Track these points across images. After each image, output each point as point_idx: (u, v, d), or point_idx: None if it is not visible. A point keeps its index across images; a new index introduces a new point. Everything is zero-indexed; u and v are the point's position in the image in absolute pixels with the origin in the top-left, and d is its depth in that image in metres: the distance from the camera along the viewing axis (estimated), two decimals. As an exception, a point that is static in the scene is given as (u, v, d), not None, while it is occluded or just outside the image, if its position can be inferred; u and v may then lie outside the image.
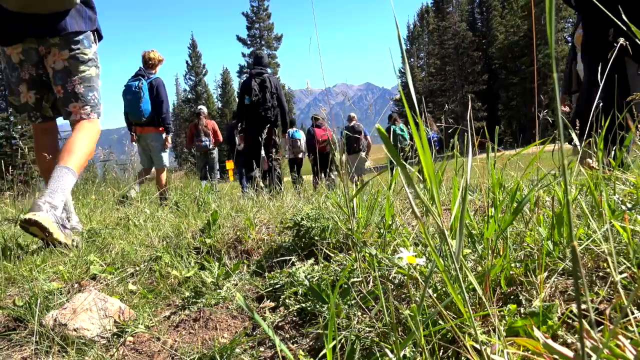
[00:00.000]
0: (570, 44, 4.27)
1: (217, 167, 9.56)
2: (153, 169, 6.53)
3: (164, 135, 6.45)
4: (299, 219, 1.90)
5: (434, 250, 0.69)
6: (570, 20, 51.30)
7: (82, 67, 2.59)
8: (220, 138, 9.99)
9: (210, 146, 9.65)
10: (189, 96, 62.88)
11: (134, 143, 6.72)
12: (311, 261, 1.75)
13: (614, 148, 2.29)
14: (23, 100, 2.65)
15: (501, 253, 1.05)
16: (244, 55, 60.34)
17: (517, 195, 1.27)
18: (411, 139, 9.53)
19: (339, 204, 1.68)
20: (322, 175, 8.57)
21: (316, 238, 1.85)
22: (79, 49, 2.57)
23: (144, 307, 1.73)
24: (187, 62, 63.32)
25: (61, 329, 1.53)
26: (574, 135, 1.63)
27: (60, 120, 2.81)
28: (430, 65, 66.42)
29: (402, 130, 11.07)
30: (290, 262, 1.78)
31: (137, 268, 2.03)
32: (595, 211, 1.19)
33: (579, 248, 1.06)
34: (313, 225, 1.86)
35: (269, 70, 6.62)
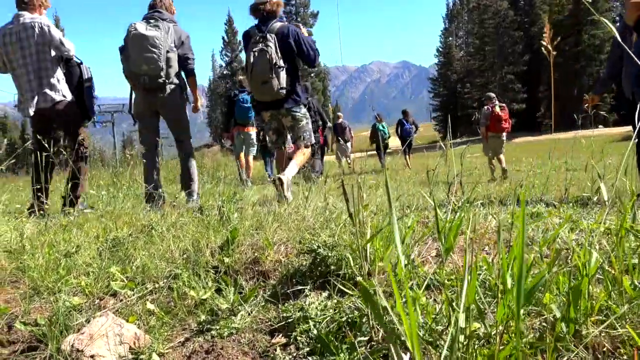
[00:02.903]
0: (618, 23, 4.08)
1: (254, 147, 9.91)
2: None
3: (254, 132, 9.44)
4: (316, 247, 1.89)
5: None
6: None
7: (298, 123, 4.58)
8: None
9: None
10: (224, 72, 63.17)
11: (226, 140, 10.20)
12: (325, 294, 1.73)
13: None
14: (270, 139, 4.86)
15: (511, 332, 1.01)
16: (279, 31, 59.97)
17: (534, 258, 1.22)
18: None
19: (352, 247, 1.65)
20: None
21: (332, 267, 1.83)
22: (294, 115, 4.54)
23: (160, 331, 1.76)
24: (223, 38, 63.46)
25: (78, 355, 1.57)
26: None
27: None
28: (469, 44, 64.82)
29: (383, 127, 15.29)
30: (304, 293, 1.77)
31: (156, 285, 2.06)
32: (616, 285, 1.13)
33: (596, 331, 1.01)
34: (329, 254, 1.84)
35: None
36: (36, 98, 4.29)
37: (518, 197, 3.36)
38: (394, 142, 17.34)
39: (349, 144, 14.66)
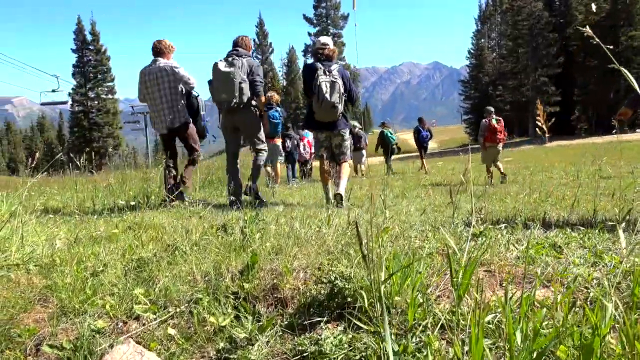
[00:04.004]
0: None
1: (281, 156, 11.97)
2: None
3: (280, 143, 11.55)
4: (333, 278, 1.90)
5: None
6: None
7: (345, 142, 5.80)
8: None
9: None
10: (254, 74, 63.62)
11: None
12: (341, 327, 1.75)
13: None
14: (320, 152, 5.96)
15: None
16: (309, 34, 60.29)
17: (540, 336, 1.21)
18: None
19: (368, 289, 1.66)
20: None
21: (349, 299, 1.84)
22: (342, 135, 5.77)
23: (180, 358, 1.80)
24: (254, 40, 64.00)
25: (100, 383, 1.62)
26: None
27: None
28: (501, 46, 63.84)
29: (390, 133, 17.06)
30: (320, 326, 1.79)
31: (178, 309, 2.11)
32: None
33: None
34: (346, 286, 1.86)
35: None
36: (168, 122, 5.91)
37: (543, 219, 3.30)
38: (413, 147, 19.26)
39: (363, 152, 16.08)
